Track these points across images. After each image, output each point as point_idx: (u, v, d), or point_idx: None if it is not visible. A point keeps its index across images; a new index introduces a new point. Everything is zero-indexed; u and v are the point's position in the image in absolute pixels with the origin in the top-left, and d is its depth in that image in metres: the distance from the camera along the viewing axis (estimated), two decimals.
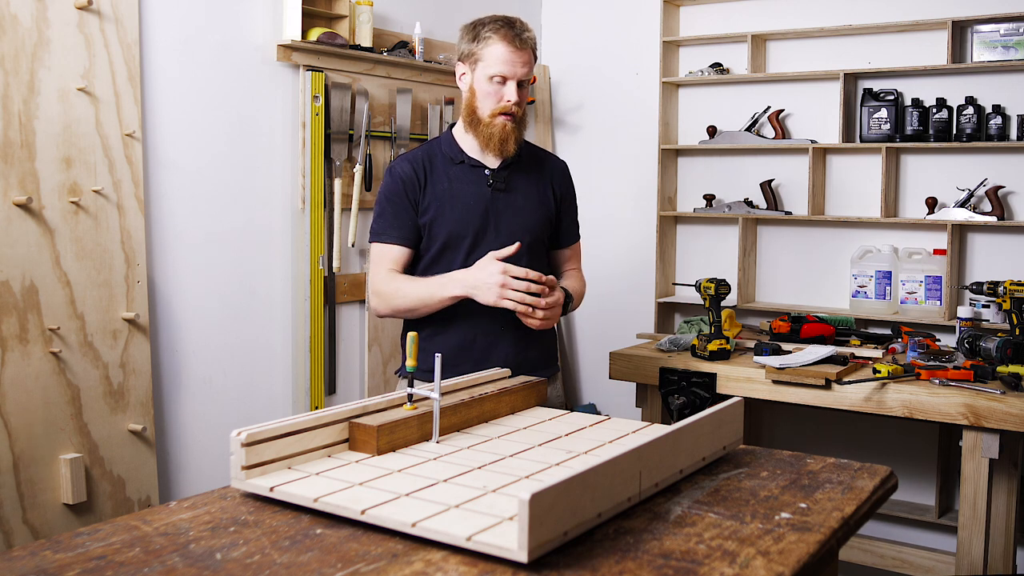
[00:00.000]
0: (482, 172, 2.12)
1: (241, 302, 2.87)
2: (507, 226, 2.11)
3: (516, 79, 2.03)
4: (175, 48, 2.66)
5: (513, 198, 2.13)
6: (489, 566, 1.09)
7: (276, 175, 2.96)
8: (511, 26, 2.04)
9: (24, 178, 2.28)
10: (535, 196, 2.17)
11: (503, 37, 2.02)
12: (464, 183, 2.11)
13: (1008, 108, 3.16)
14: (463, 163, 2.12)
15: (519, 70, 2.03)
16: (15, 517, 2.26)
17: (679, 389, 2.87)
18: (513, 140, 2.07)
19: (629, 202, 3.91)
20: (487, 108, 2.06)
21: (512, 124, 2.06)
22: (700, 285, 2.94)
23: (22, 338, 2.27)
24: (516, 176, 2.16)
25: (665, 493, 1.38)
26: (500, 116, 2.04)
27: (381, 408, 1.60)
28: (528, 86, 2.09)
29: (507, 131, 2.05)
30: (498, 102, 2.04)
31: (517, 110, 2.05)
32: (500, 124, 2.05)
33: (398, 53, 3.26)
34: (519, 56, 2.03)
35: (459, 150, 2.14)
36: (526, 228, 2.13)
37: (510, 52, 2.02)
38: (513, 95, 2.03)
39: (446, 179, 2.11)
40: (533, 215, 2.16)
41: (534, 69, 2.10)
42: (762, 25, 3.59)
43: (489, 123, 2.06)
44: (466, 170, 2.12)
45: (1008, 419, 2.44)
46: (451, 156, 2.13)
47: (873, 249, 3.35)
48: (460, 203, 2.09)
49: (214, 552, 1.14)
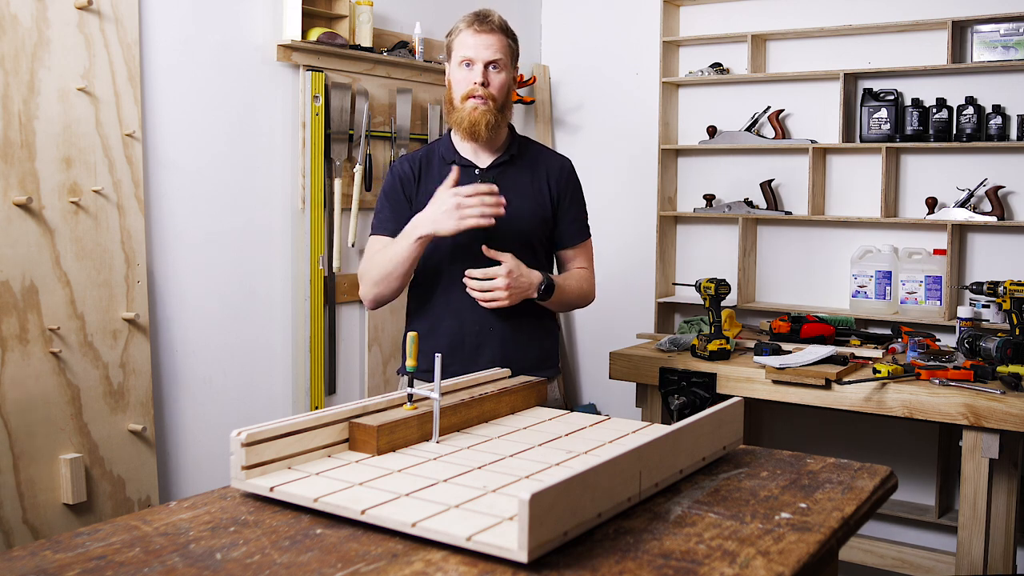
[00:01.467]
0: (472, 172, 2.13)
1: (241, 302, 2.88)
2: (497, 226, 2.09)
3: (482, 61, 2.05)
4: (175, 48, 2.66)
5: (503, 197, 2.13)
6: (489, 566, 1.09)
7: (276, 175, 2.96)
8: (477, 14, 2.10)
9: (24, 178, 2.28)
10: (529, 194, 2.16)
11: (467, 24, 2.08)
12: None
13: (1008, 108, 3.16)
14: (454, 163, 2.13)
15: (483, 52, 2.05)
16: (15, 517, 2.26)
17: (679, 389, 2.87)
18: (484, 125, 2.06)
19: (629, 202, 3.91)
20: (458, 93, 2.08)
21: (483, 107, 2.05)
22: (700, 285, 2.94)
23: (22, 338, 2.27)
24: (509, 174, 2.15)
25: (665, 493, 1.38)
26: (470, 100, 2.06)
27: (381, 408, 1.60)
28: (503, 73, 2.08)
29: (476, 115, 2.05)
30: (466, 86, 2.06)
31: (486, 92, 2.05)
32: (470, 108, 2.06)
33: (398, 53, 3.26)
34: (483, 39, 2.06)
35: (453, 150, 2.16)
36: (517, 228, 2.12)
37: (472, 35, 2.06)
38: (478, 76, 2.05)
39: (439, 178, 2.12)
40: (525, 214, 2.14)
41: (514, 58, 2.12)
42: (762, 25, 3.59)
43: (460, 108, 2.08)
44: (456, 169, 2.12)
45: (1008, 419, 2.44)
46: (444, 156, 2.16)
47: (873, 249, 3.35)
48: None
49: (214, 552, 1.14)
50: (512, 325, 2.12)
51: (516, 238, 2.12)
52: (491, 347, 2.12)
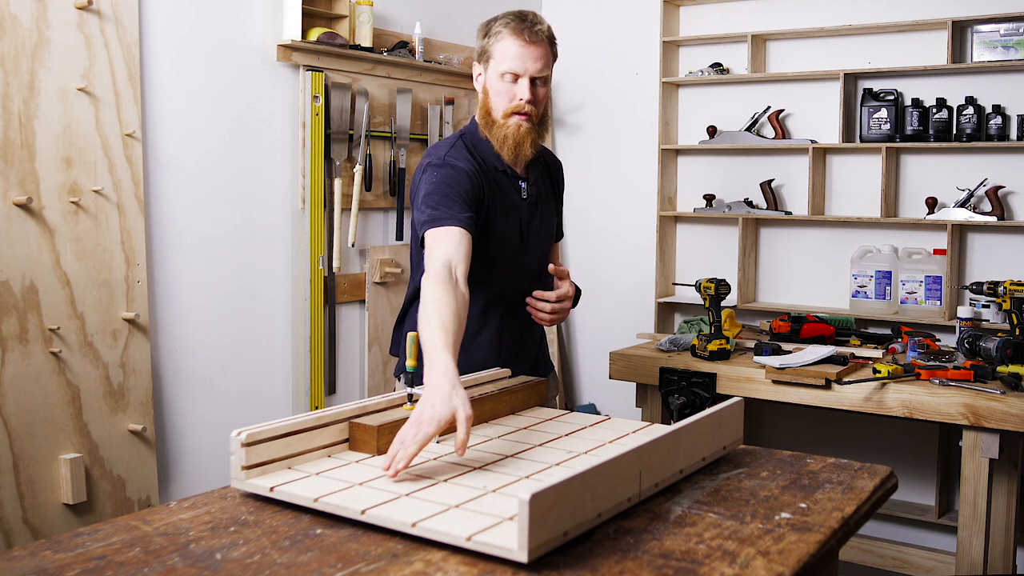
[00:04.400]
0: (519, 184, 2.02)
1: (241, 302, 2.87)
2: (535, 236, 2.06)
3: (528, 75, 1.90)
4: (175, 48, 2.66)
5: (539, 208, 2.07)
6: (489, 566, 1.09)
7: (276, 175, 2.96)
8: (522, 19, 1.92)
9: (24, 178, 2.28)
10: (550, 202, 2.14)
11: (513, 31, 1.90)
12: (508, 193, 2.01)
13: (1008, 108, 3.16)
14: (504, 172, 2.00)
15: (531, 65, 1.90)
16: (15, 517, 2.26)
17: (679, 389, 2.87)
18: (529, 143, 1.94)
19: (629, 202, 3.91)
20: (500, 108, 1.93)
21: (528, 125, 1.92)
22: (700, 285, 2.94)
23: (22, 338, 2.27)
24: (539, 183, 2.09)
25: (665, 493, 1.38)
26: (514, 116, 1.91)
27: (381, 408, 1.60)
28: (547, 85, 1.95)
29: (522, 133, 1.92)
30: (510, 101, 1.91)
31: (531, 109, 1.91)
32: (514, 125, 1.92)
33: (398, 53, 3.26)
34: (530, 51, 1.90)
35: (498, 157, 1.98)
36: (548, 236, 2.10)
37: (520, 46, 1.89)
38: (525, 93, 1.90)
39: (495, 185, 1.98)
40: (551, 222, 2.13)
41: (553, 65, 1.97)
42: (762, 25, 3.59)
43: (503, 124, 1.93)
44: (505, 179, 2.01)
45: (1008, 419, 2.44)
46: (494, 164, 1.99)
47: (873, 249, 3.34)
48: (505, 213, 1.99)
49: (214, 552, 1.14)
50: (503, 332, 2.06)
51: (545, 240, 2.11)
52: (528, 351, 2.12)
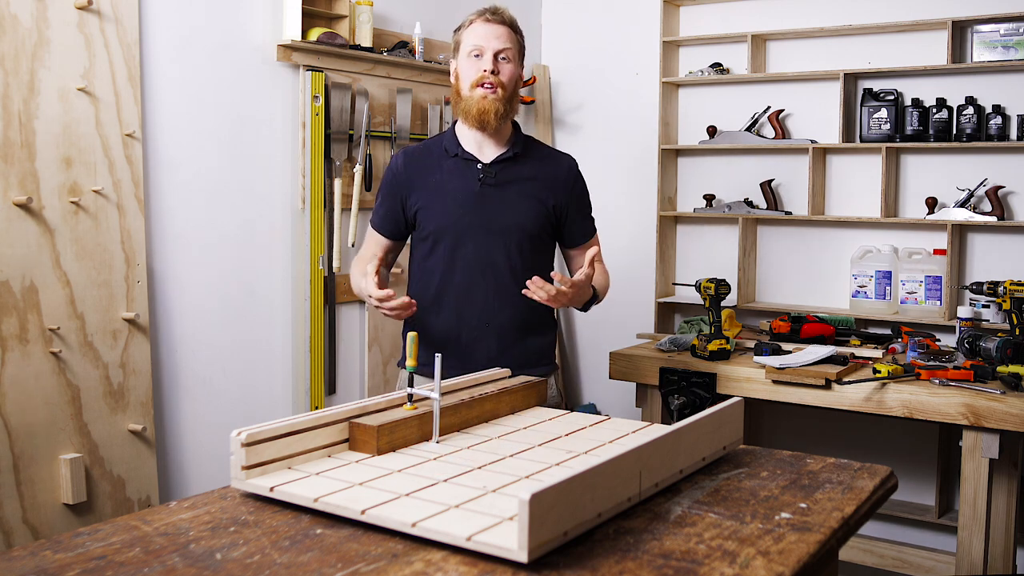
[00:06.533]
0: (474, 166, 2.13)
1: (241, 302, 2.87)
2: (498, 221, 2.12)
3: (492, 50, 2.07)
4: (175, 48, 2.66)
5: (505, 193, 2.13)
6: (489, 566, 1.09)
7: (276, 175, 2.96)
8: (486, 8, 2.13)
9: (24, 178, 2.28)
10: (531, 192, 2.16)
11: (478, 15, 2.12)
12: (455, 176, 2.13)
13: (1008, 108, 3.16)
14: (457, 156, 2.14)
15: (493, 42, 2.07)
16: (15, 517, 2.26)
17: (679, 389, 2.87)
18: (494, 113, 2.07)
19: (629, 202, 3.91)
20: (467, 81, 2.09)
21: (493, 96, 2.06)
22: (700, 285, 2.94)
23: (22, 338, 2.27)
24: (512, 171, 2.15)
25: (665, 493, 1.38)
26: (478, 88, 2.07)
27: (381, 408, 1.60)
28: (512, 64, 2.11)
29: (486, 103, 2.06)
30: (476, 73, 2.07)
31: (496, 80, 2.07)
32: (478, 96, 2.06)
33: (398, 53, 3.26)
34: (493, 28, 2.09)
35: (456, 143, 2.16)
36: (518, 224, 2.13)
37: (482, 25, 2.09)
38: (489, 64, 2.06)
39: (440, 171, 2.14)
40: (527, 211, 2.14)
41: (521, 55, 2.15)
42: (762, 25, 3.59)
43: (468, 97, 2.08)
44: (459, 164, 2.14)
45: (1008, 419, 2.44)
46: (448, 148, 2.16)
47: (873, 249, 3.35)
48: (448, 196, 2.12)
49: (214, 552, 1.14)
50: (509, 323, 2.13)
51: (517, 231, 2.13)
52: (487, 342, 2.13)
